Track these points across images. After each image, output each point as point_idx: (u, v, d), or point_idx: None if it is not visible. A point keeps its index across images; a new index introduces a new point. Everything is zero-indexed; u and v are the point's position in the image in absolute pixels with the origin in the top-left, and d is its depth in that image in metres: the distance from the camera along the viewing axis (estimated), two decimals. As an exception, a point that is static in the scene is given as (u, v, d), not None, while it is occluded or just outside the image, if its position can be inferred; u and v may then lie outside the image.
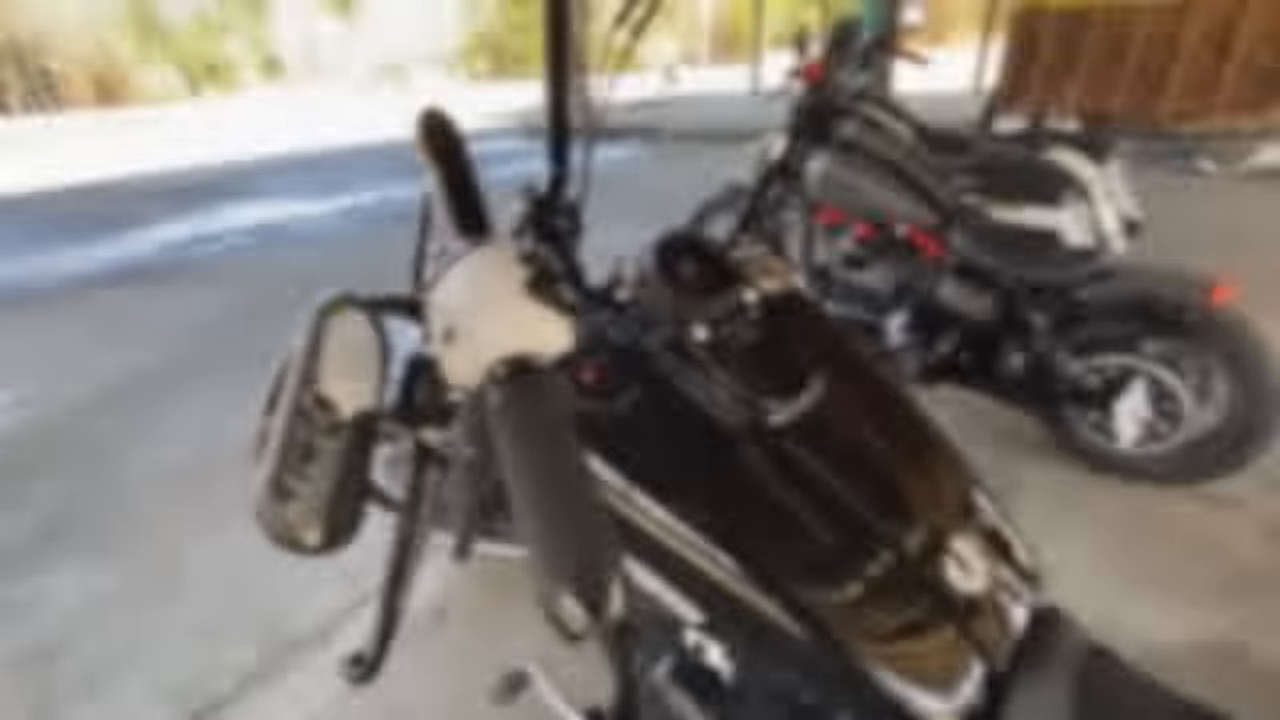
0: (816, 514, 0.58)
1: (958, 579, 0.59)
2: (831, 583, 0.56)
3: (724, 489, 0.58)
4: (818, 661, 0.57)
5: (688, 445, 0.59)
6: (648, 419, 0.60)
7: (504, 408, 0.41)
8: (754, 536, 0.56)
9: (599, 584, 0.33)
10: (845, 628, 0.55)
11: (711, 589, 0.58)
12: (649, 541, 0.59)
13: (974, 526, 0.65)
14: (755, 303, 0.66)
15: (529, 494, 0.37)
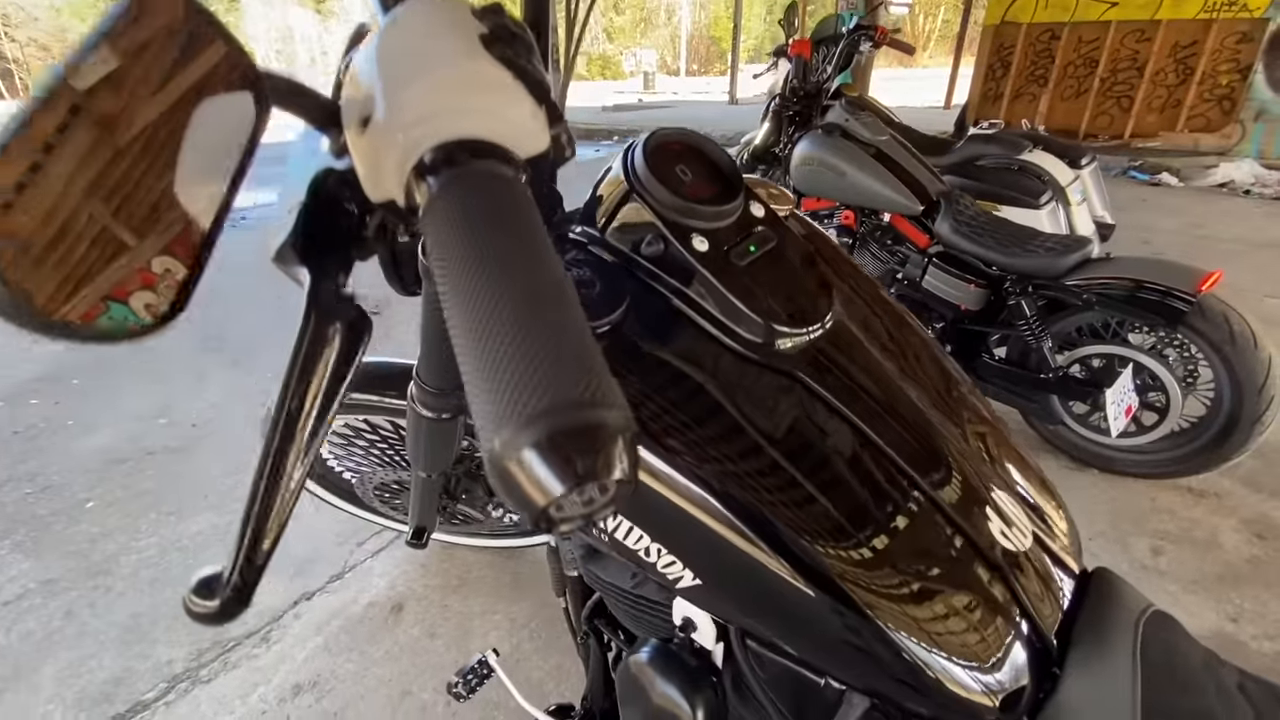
0: (835, 455, 0.49)
1: (1001, 534, 0.51)
2: (854, 535, 0.47)
3: (724, 426, 0.48)
4: (833, 631, 0.47)
5: (683, 375, 0.50)
6: (635, 343, 0.51)
7: (444, 205, 0.26)
8: (760, 480, 0.47)
9: (598, 419, 0.21)
10: (869, 589, 0.46)
11: (708, 544, 0.48)
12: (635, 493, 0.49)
13: (1013, 481, 0.56)
14: (762, 218, 0.57)
15: (485, 301, 0.23)
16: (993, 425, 0.61)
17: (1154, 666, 0.47)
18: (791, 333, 0.51)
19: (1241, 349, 1.63)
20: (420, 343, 0.79)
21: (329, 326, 0.40)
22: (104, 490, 1.90)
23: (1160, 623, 0.50)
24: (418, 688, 1.32)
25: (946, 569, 0.48)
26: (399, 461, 1.31)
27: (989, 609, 0.48)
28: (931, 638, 0.46)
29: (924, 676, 0.47)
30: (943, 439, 0.54)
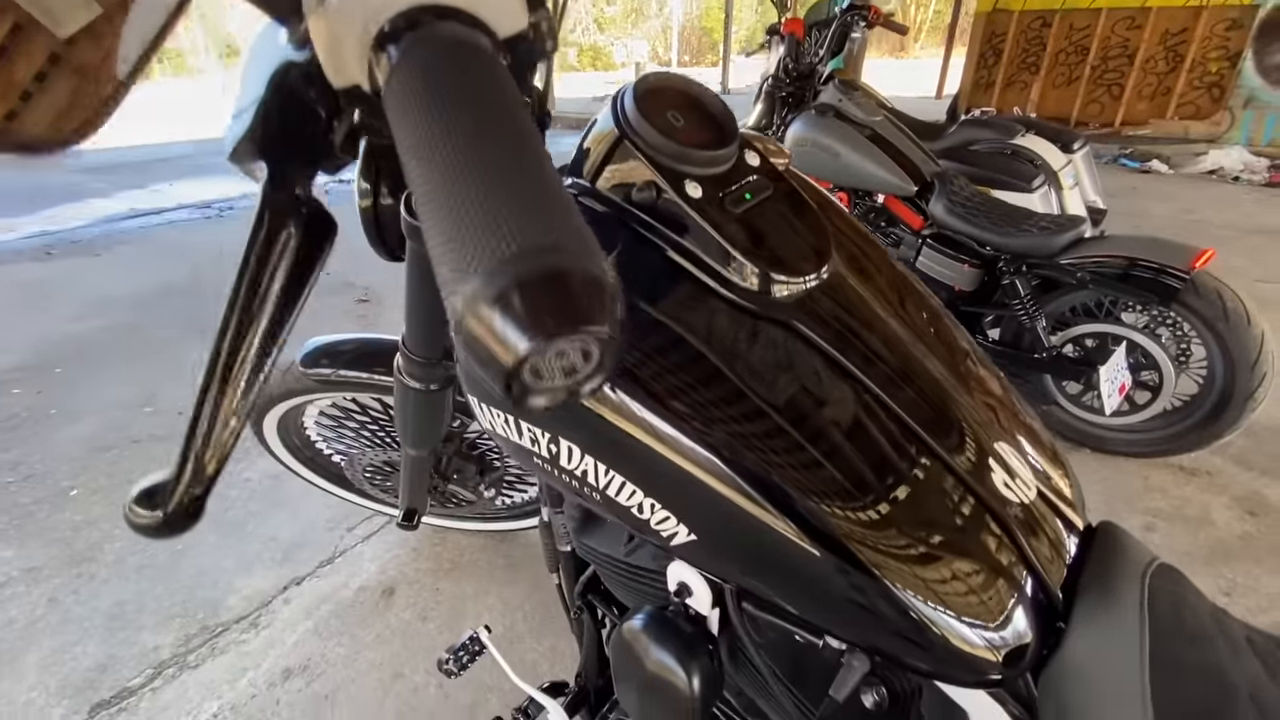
0: (834, 407, 0.47)
1: (1005, 486, 0.49)
2: (854, 487, 0.45)
3: (718, 377, 0.46)
4: (833, 587, 0.46)
5: (676, 325, 0.48)
6: (625, 294, 0.49)
7: (406, 69, 0.24)
8: (756, 433, 0.45)
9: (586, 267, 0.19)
10: (869, 542, 0.44)
11: (703, 498, 0.46)
12: (625, 443, 0.47)
13: (1016, 435, 0.55)
14: (758, 167, 0.56)
15: (449, 151, 0.21)
16: (996, 383, 0.59)
17: (1161, 619, 0.45)
18: (788, 280, 0.50)
19: (1235, 325, 1.63)
20: (406, 311, 0.77)
21: (284, 229, 0.38)
22: (88, 478, 1.87)
23: (1167, 575, 0.49)
24: (409, 670, 1.30)
25: (949, 521, 0.46)
26: (389, 442, 1.29)
27: (993, 562, 0.47)
28: (934, 592, 0.45)
29: (927, 632, 0.45)
30: (944, 392, 0.53)
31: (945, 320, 0.62)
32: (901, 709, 0.61)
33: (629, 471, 0.49)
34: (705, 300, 0.50)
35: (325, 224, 0.39)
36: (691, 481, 0.47)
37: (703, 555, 0.50)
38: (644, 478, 0.48)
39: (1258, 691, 0.45)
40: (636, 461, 0.48)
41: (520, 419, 0.52)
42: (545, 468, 0.54)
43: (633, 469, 0.49)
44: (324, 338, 1.15)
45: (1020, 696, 0.53)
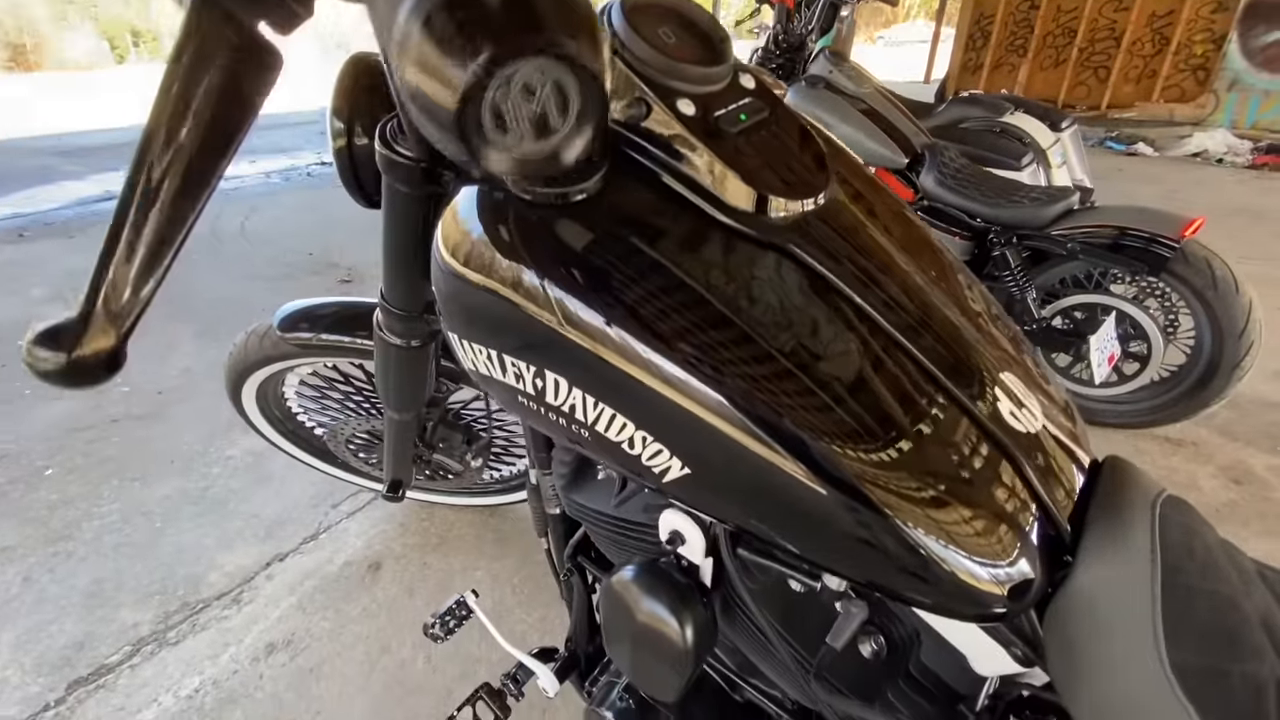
0: (833, 334, 0.45)
1: (1011, 415, 0.47)
2: (853, 417, 0.43)
3: (711, 304, 0.44)
4: (832, 520, 0.44)
5: (667, 250, 0.45)
6: (614, 217, 0.46)
7: None
8: (750, 361, 0.43)
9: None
10: (870, 473, 0.42)
11: (696, 429, 0.44)
12: (614, 374, 0.45)
13: (1019, 365, 0.53)
14: (753, 89, 0.53)
15: None
16: (998, 317, 0.58)
17: (1172, 548, 0.44)
18: (785, 203, 0.47)
19: (1223, 294, 1.63)
20: (383, 261, 0.74)
21: (215, 53, 0.34)
22: (64, 458, 1.82)
23: (1176, 506, 0.48)
24: (397, 644, 1.28)
25: (954, 450, 0.44)
26: (372, 410, 1.25)
27: (1000, 492, 0.45)
28: (937, 522, 0.43)
29: (930, 564, 0.43)
30: (947, 321, 0.51)
31: (946, 255, 0.60)
32: (899, 657, 0.60)
33: (619, 403, 0.46)
34: (698, 224, 0.47)
35: (266, 56, 0.36)
36: (683, 412, 0.44)
37: (696, 492, 0.48)
38: (634, 409, 0.46)
39: (1270, 619, 0.43)
40: (626, 392, 0.46)
41: (505, 353, 0.50)
42: (531, 406, 0.52)
43: (622, 400, 0.46)
44: (301, 301, 1.12)
45: (1024, 635, 0.51)
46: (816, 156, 0.52)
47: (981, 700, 0.58)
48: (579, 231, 0.46)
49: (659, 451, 0.47)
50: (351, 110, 0.69)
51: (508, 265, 0.47)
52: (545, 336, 0.46)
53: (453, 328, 0.54)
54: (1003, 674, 0.55)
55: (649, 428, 0.46)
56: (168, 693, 1.18)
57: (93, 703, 1.17)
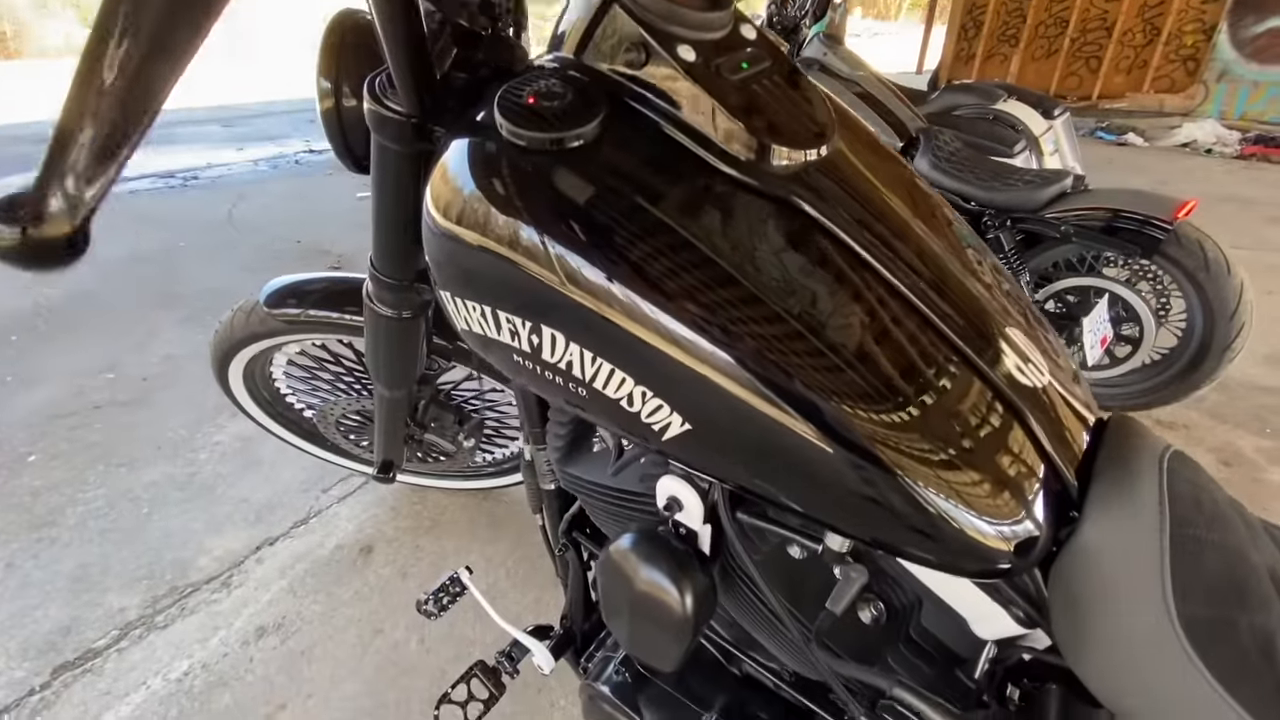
0: (835, 287, 0.44)
1: (1017, 369, 0.46)
2: (856, 370, 0.42)
3: (711, 256, 0.43)
4: (835, 477, 0.43)
5: (667, 200, 0.44)
6: (612, 166, 0.45)
7: None
8: (750, 314, 0.42)
9: None
10: (874, 428, 0.41)
11: (695, 384, 0.43)
12: (612, 327, 0.44)
13: (1024, 322, 0.52)
14: (754, 40, 0.52)
15: None
16: (1003, 275, 0.57)
17: (1180, 501, 0.43)
18: (788, 152, 0.46)
19: (1215, 275, 1.64)
20: (373, 226, 0.72)
21: None
22: (47, 444, 1.79)
23: (1183, 461, 0.47)
24: (390, 626, 1.27)
25: (961, 405, 0.43)
26: (362, 389, 1.23)
27: (1006, 447, 0.44)
28: (943, 478, 0.42)
29: (934, 521, 0.43)
30: (952, 275, 0.50)
31: (949, 213, 0.59)
32: (899, 621, 0.59)
33: (617, 358, 0.45)
34: (699, 174, 0.46)
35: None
36: (683, 366, 0.43)
37: (696, 450, 0.47)
38: (633, 364, 0.45)
39: (1277, 571, 0.43)
40: (625, 347, 0.44)
41: (500, 310, 0.48)
42: (527, 365, 0.50)
43: (621, 355, 0.45)
44: (288, 277, 1.10)
45: (1027, 595, 0.51)
46: (819, 106, 0.51)
47: (981, 664, 0.57)
48: (576, 182, 0.45)
49: (659, 408, 0.46)
50: (338, 69, 0.67)
51: (504, 221, 0.46)
52: (542, 290, 0.45)
53: (445, 286, 0.52)
54: (1004, 636, 0.54)
55: (648, 383, 0.45)
56: (156, 676, 1.16)
57: (79, 687, 1.15)
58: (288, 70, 10.35)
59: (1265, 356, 2.34)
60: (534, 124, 0.44)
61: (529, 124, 0.44)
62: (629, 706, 0.72)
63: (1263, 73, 5.98)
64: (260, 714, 1.11)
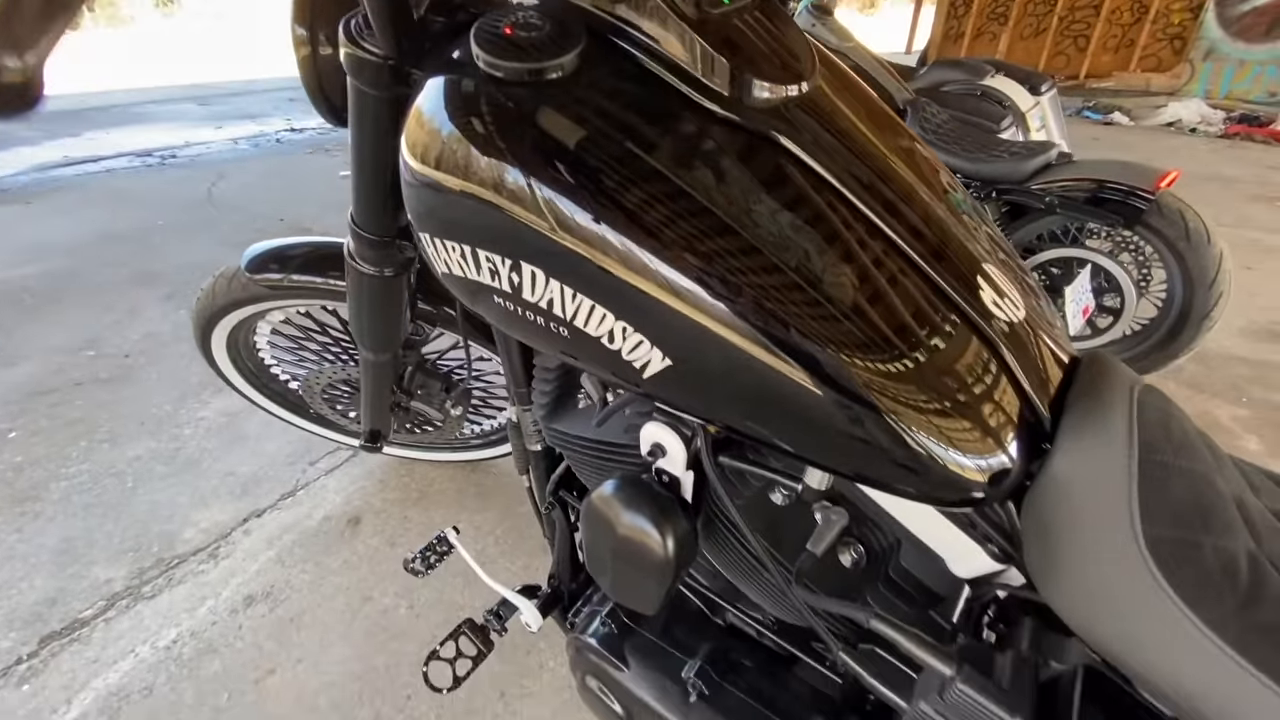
0: (815, 222, 0.44)
1: (994, 304, 0.47)
2: (835, 303, 0.42)
3: (689, 190, 0.43)
4: (814, 411, 0.43)
5: (645, 135, 0.44)
6: (589, 99, 0.44)
7: None
8: (728, 248, 0.42)
9: None
10: (852, 361, 0.42)
11: (674, 317, 0.43)
12: (591, 263, 0.44)
13: (1001, 259, 0.53)
14: None
15: None
16: (980, 216, 0.57)
17: (1149, 429, 0.44)
18: (768, 87, 0.46)
19: (1196, 244, 1.66)
20: (352, 180, 0.71)
21: None
22: (27, 420, 1.77)
23: (1154, 394, 0.48)
24: (378, 593, 1.27)
25: (937, 337, 0.44)
26: (347, 358, 1.23)
27: (981, 380, 0.45)
28: (918, 409, 0.43)
29: (910, 451, 0.43)
30: (930, 212, 0.50)
31: (929, 154, 0.59)
32: (878, 562, 0.61)
33: (597, 294, 0.45)
34: (676, 108, 0.46)
35: None
36: (661, 300, 0.43)
37: (677, 387, 0.47)
38: (613, 299, 0.45)
39: (1242, 500, 0.44)
40: (604, 282, 0.44)
41: (479, 248, 0.48)
42: (508, 306, 0.50)
43: (600, 290, 0.45)
44: (270, 241, 1.08)
45: (1002, 530, 0.52)
46: (800, 44, 0.51)
47: (959, 603, 0.59)
48: (556, 116, 0.44)
49: (639, 344, 0.46)
50: (313, 16, 0.66)
51: (481, 158, 0.45)
52: (521, 227, 0.45)
53: (424, 228, 0.52)
54: (980, 574, 0.56)
55: (628, 318, 0.45)
56: (145, 644, 1.17)
57: (66, 655, 1.15)
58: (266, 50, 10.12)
59: (1241, 329, 2.38)
60: (511, 54, 0.43)
61: (506, 54, 0.43)
62: (614, 656, 0.73)
63: (1248, 51, 6.01)
64: (250, 679, 1.11)
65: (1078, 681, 0.46)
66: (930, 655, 0.48)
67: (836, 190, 0.46)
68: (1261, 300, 2.61)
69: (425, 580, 1.29)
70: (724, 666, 0.71)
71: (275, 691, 1.10)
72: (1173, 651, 0.39)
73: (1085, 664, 0.48)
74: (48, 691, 1.09)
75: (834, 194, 0.46)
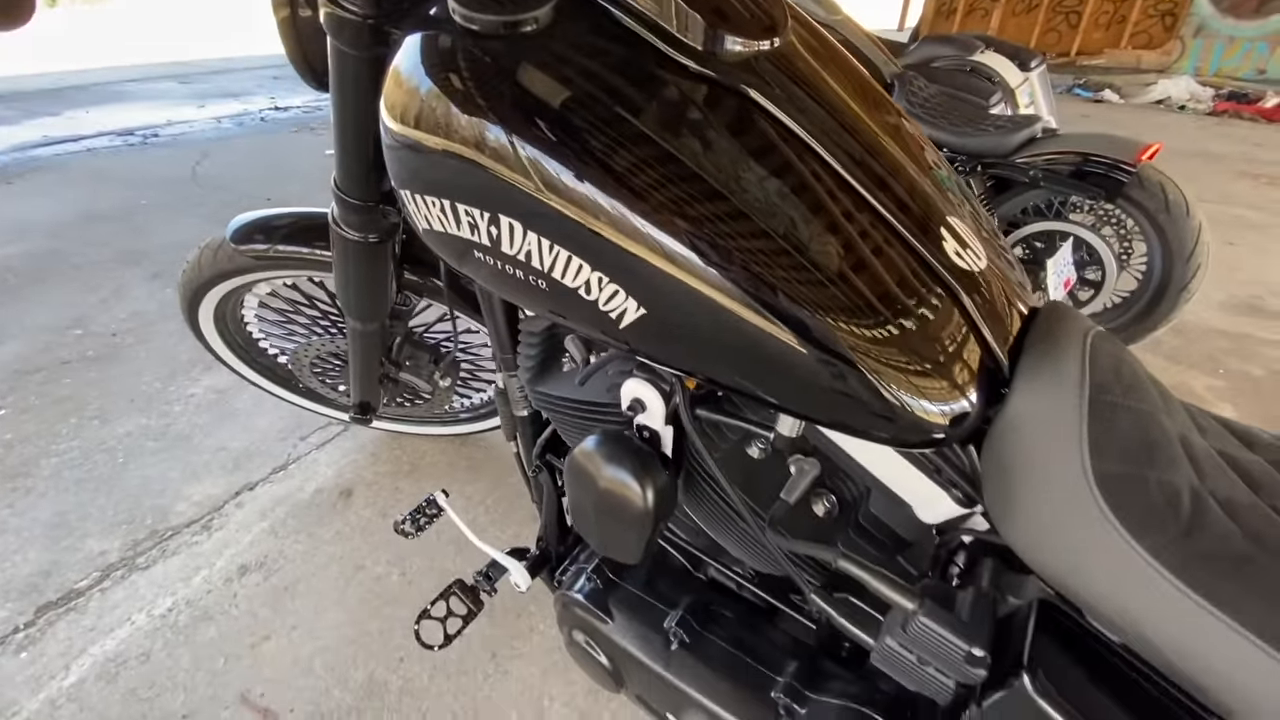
0: (784, 175, 0.45)
1: (956, 255, 0.49)
2: (802, 254, 0.44)
3: (661, 143, 0.44)
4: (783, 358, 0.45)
5: (618, 88, 0.45)
6: (562, 53, 0.45)
7: None
8: (701, 200, 0.43)
9: None
10: (821, 311, 0.43)
11: (647, 267, 0.45)
12: (566, 215, 0.45)
13: (965, 212, 0.55)
14: None
15: None
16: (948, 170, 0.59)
17: (1100, 370, 0.47)
18: (741, 40, 0.47)
19: (1175, 216, 1.68)
20: (334, 145, 0.72)
21: None
22: (15, 399, 1.76)
23: (1108, 339, 0.50)
24: (371, 562, 1.30)
25: (901, 284, 0.46)
26: (335, 330, 1.23)
27: (942, 326, 0.47)
28: (878, 353, 0.44)
29: (872, 393, 0.45)
30: (898, 165, 0.52)
31: (899, 110, 0.61)
32: (849, 510, 0.63)
33: (571, 245, 0.47)
34: (649, 60, 0.47)
35: None
36: (633, 250, 0.45)
37: (652, 335, 0.49)
38: (589, 249, 0.46)
39: (1188, 439, 0.47)
40: (579, 232, 0.46)
41: (458, 202, 0.49)
42: (488, 260, 0.52)
43: (574, 242, 0.46)
44: (255, 212, 1.08)
45: (965, 474, 0.54)
46: (774, 2, 0.52)
47: (926, 548, 0.61)
48: (530, 71, 0.45)
49: (614, 294, 0.47)
50: None
51: (458, 113, 0.46)
52: (498, 180, 0.46)
53: (403, 184, 0.53)
54: (946, 519, 0.58)
55: (603, 269, 0.47)
56: (140, 612, 1.18)
57: (63, 624, 1.17)
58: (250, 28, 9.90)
59: (1221, 303, 2.42)
60: (486, 6, 0.44)
61: (481, 6, 0.44)
62: (600, 609, 0.76)
63: (1238, 28, 6.01)
64: (246, 644, 1.14)
65: (1032, 613, 0.49)
66: (894, 592, 0.50)
67: (804, 143, 0.47)
68: (1242, 275, 2.65)
69: (417, 549, 1.31)
70: (704, 617, 0.73)
71: (271, 656, 1.12)
72: (1119, 580, 0.42)
73: (1040, 598, 0.50)
74: (46, 658, 1.11)
75: (802, 146, 0.47)
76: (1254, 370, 2.05)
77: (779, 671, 0.67)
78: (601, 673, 0.81)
